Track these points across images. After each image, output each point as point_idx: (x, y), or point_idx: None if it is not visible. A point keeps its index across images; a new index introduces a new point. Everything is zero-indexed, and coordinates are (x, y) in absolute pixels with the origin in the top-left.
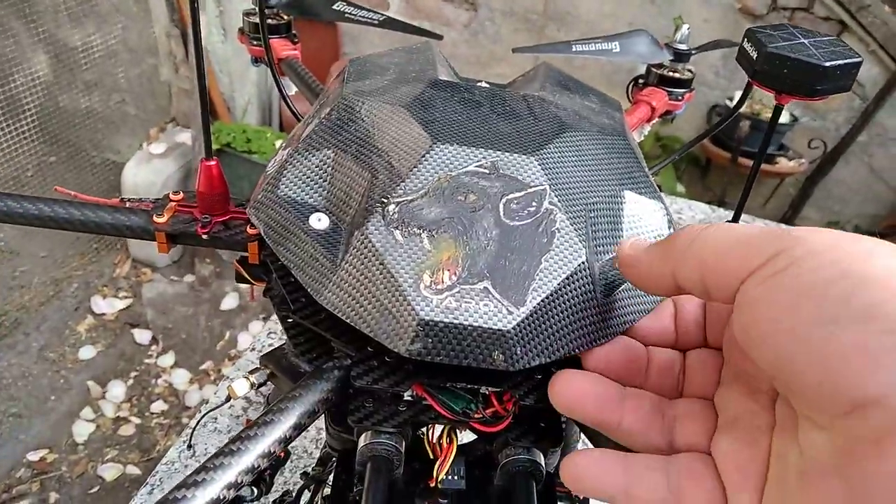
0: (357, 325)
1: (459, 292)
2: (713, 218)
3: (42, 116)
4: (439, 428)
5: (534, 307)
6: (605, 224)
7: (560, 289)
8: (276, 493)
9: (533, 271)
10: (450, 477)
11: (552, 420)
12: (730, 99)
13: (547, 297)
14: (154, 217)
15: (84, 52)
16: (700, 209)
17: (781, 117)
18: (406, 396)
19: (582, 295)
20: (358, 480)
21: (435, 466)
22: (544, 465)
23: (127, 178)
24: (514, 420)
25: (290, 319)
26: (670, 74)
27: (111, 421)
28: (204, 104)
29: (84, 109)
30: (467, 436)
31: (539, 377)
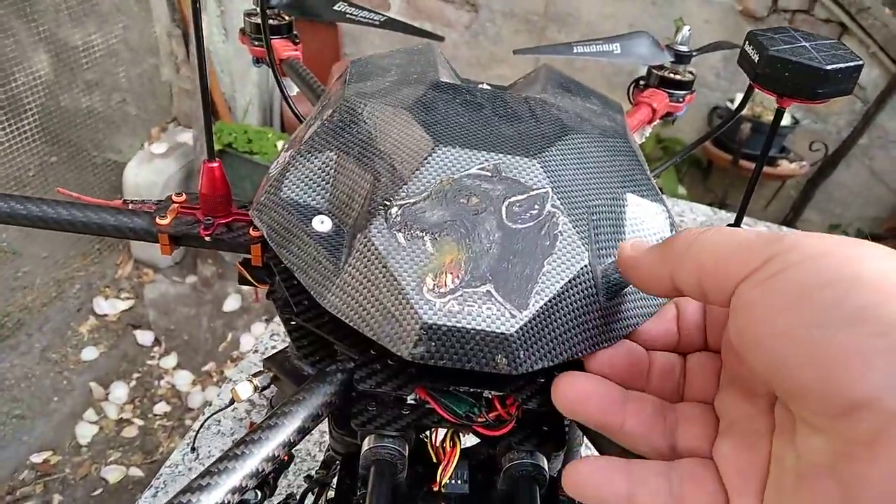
0: (360, 329)
1: (462, 296)
2: (714, 220)
3: (43, 116)
4: (442, 431)
5: (536, 311)
6: (608, 227)
7: (563, 292)
8: (280, 496)
9: (536, 274)
10: (453, 481)
11: (555, 424)
12: (730, 101)
13: (550, 301)
14: (157, 219)
15: (85, 52)
16: (701, 211)
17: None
18: (409, 400)
19: (585, 298)
20: (361, 484)
21: (438, 470)
22: (547, 470)
23: (128, 178)
24: (518, 424)
25: (293, 322)
26: (671, 76)
27: (114, 423)
28: (206, 105)
29: (85, 109)
30: (470, 439)
31: (542, 381)
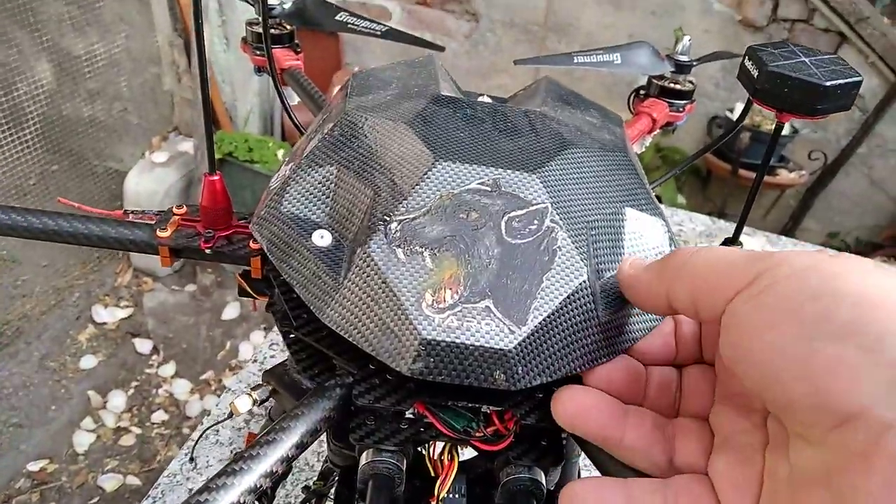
0: (359, 344)
1: (461, 311)
2: (713, 229)
3: (45, 125)
4: (440, 445)
5: (535, 326)
6: (607, 242)
7: (561, 308)
8: None
9: (534, 290)
10: (451, 495)
11: (553, 439)
12: (730, 110)
13: (548, 317)
14: (157, 231)
15: (87, 61)
16: (700, 220)
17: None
18: (407, 414)
19: (583, 314)
20: (360, 497)
21: (436, 484)
22: (545, 484)
23: (129, 187)
24: (516, 439)
25: (293, 335)
26: (671, 86)
27: (112, 431)
28: (207, 116)
29: (87, 118)
30: (468, 451)
31: (540, 396)
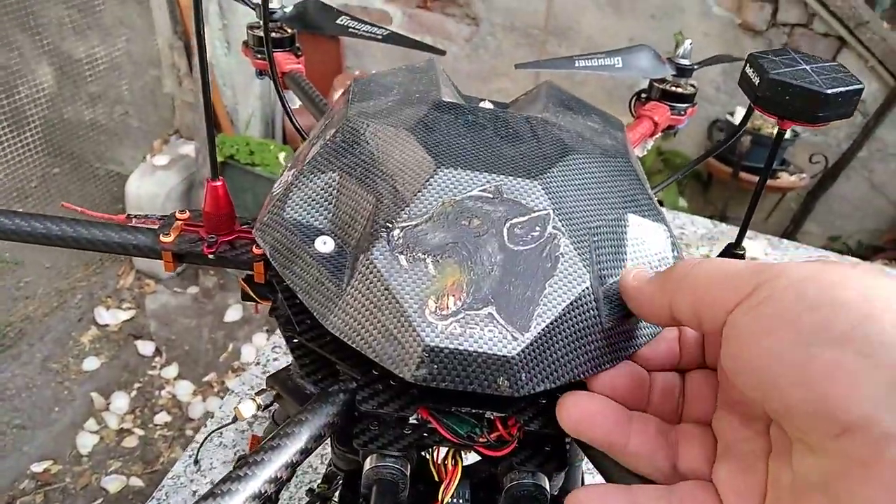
0: (363, 350)
1: (464, 318)
2: (715, 233)
3: (46, 128)
4: (444, 449)
5: (538, 333)
6: (609, 248)
7: (564, 314)
8: None
9: (537, 297)
10: (455, 500)
11: (557, 444)
12: (730, 114)
13: (551, 323)
14: (161, 237)
15: (88, 65)
16: (702, 223)
17: None
18: (411, 420)
19: (586, 320)
20: (364, 501)
21: (440, 489)
22: (549, 489)
23: (130, 190)
24: (519, 444)
25: (296, 340)
26: (673, 89)
27: (115, 432)
28: (209, 121)
29: (88, 121)
30: (472, 455)
31: (544, 402)
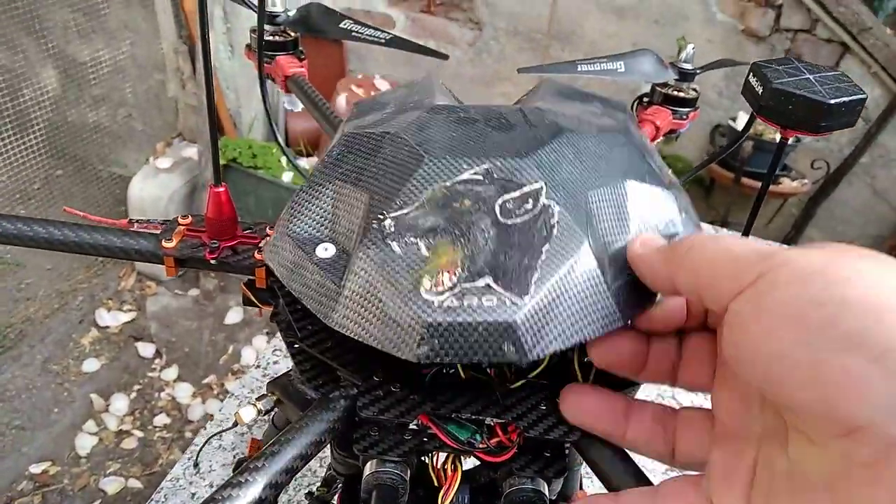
0: (364, 340)
1: (461, 291)
2: None
3: (50, 130)
4: (444, 454)
5: (539, 297)
6: (610, 213)
7: (565, 276)
8: None
9: (534, 263)
10: None
11: (556, 450)
12: (733, 119)
13: (552, 286)
14: (163, 242)
15: (92, 68)
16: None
17: None
18: (411, 425)
19: (589, 282)
20: None
21: (440, 494)
22: (547, 494)
23: (133, 193)
24: (519, 450)
25: (297, 346)
26: (675, 93)
27: (114, 434)
28: (213, 126)
29: (91, 124)
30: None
31: (543, 409)
